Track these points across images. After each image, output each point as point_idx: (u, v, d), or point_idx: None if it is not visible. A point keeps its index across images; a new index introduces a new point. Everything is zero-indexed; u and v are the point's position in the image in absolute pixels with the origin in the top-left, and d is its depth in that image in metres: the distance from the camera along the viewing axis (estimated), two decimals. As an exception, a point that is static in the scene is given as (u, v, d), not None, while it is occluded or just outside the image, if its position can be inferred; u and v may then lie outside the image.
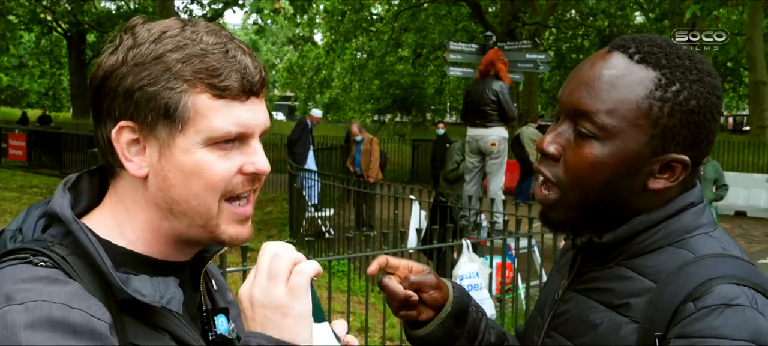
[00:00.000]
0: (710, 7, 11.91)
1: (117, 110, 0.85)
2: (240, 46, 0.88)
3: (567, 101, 1.00)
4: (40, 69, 36.95)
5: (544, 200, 1.02)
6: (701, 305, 0.87)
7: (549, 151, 1.00)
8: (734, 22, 25.62)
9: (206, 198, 0.86)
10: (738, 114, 41.94)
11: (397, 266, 1.15)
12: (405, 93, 30.26)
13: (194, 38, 0.85)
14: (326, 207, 9.58)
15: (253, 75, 0.87)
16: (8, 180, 14.65)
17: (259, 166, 0.89)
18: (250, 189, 0.90)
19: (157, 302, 0.83)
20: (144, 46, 0.84)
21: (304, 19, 23.01)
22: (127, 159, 0.86)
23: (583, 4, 25.41)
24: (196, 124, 0.84)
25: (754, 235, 11.29)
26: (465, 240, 4.70)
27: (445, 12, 24.28)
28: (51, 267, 0.79)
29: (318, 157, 12.41)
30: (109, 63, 0.85)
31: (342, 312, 5.86)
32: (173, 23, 0.87)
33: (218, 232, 0.89)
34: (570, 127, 0.99)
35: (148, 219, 0.88)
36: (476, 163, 7.29)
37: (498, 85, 7.05)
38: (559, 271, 1.19)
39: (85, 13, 26.45)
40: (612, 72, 0.96)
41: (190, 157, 0.85)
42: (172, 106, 0.83)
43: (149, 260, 0.89)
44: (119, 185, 0.90)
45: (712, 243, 0.97)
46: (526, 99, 22.13)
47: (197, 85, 0.84)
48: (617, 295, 0.98)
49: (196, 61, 0.84)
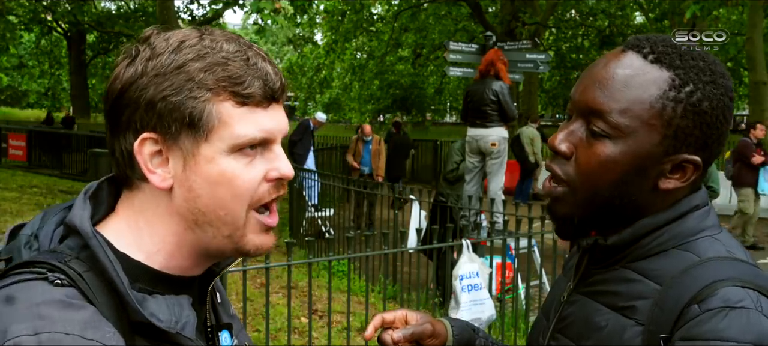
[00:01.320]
0: (710, 7, 11.93)
1: (138, 122, 0.84)
2: (259, 54, 0.88)
3: (580, 100, 1.00)
4: (40, 69, 36.93)
5: (551, 193, 1.02)
6: (706, 307, 0.88)
7: (561, 149, 1.00)
8: (734, 22, 25.61)
9: (234, 207, 0.86)
10: (738, 114, 41.96)
11: (392, 320, 1.18)
12: (405, 93, 30.28)
13: (214, 47, 0.85)
14: (326, 207, 9.59)
15: (275, 81, 0.88)
16: (8, 180, 14.65)
17: (283, 172, 0.89)
18: (276, 196, 0.90)
19: (173, 327, 0.82)
20: (164, 56, 0.84)
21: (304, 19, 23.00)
22: (151, 171, 0.85)
23: (583, 4, 25.40)
24: (220, 133, 0.84)
25: (754, 235, 11.26)
26: (465, 240, 4.70)
27: (445, 12, 24.28)
28: (67, 286, 0.77)
29: (318, 157, 12.42)
30: (128, 74, 0.84)
31: (342, 312, 5.86)
32: (190, 33, 0.87)
33: (244, 242, 0.89)
34: (582, 125, 0.99)
35: (173, 232, 0.88)
36: (476, 164, 7.29)
37: (498, 85, 7.06)
38: (565, 274, 1.19)
39: (85, 13, 26.46)
40: (626, 71, 0.96)
41: (215, 166, 0.85)
42: (196, 115, 0.83)
43: (165, 275, 0.88)
44: (138, 196, 0.89)
45: (717, 246, 0.98)
46: (526, 99, 22.12)
47: (221, 93, 0.84)
48: (622, 297, 0.99)
49: (219, 69, 0.84)
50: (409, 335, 1.16)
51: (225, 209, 0.86)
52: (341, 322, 5.71)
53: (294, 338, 5.12)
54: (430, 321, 1.19)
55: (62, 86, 39.28)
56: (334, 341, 4.61)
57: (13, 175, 15.70)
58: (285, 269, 3.97)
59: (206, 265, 0.94)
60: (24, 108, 42.42)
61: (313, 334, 5.10)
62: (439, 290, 5.99)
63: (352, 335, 4.93)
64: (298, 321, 5.68)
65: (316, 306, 6.06)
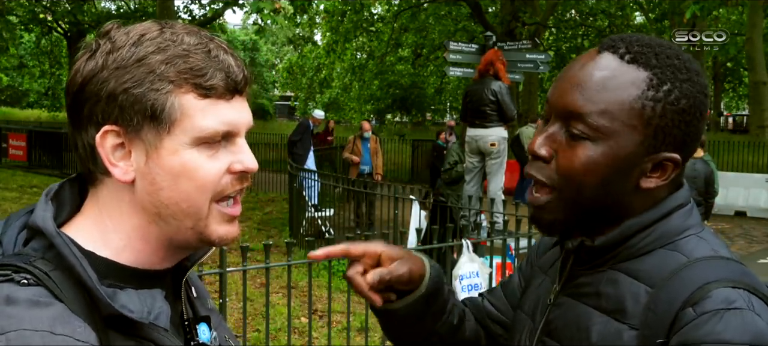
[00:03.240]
0: (710, 7, 11.93)
1: (99, 115, 0.83)
2: (221, 46, 0.88)
3: (558, 103, 0.99)
4: (40, 69, 36.94)
5: (535, 202, 1.01)
6: (701, 310, 0.88)
7: (541, 153, 0.99)
8: (734, 22, 25.62)
9: (197, 199, 0.86)
10: (738, 114, 41.94)
11: (362, 252, 1.09)
12: (405, 93, 30.26)
13: (175, 39, 0.85)
14: (326, 207, 9.58)
15: (237, 73, 0.87)
16: (8, 180, 14.66)
17: (247, 165, 0.88)
18: (239, 188, 0.90)
19: (145, 318, 0.82)
20: (124, 49, 0.83)
21: (304, 19, 23.03)
22: (113, 164, 0.85)
23: (583, 4, 25.41)
24: (182, 125, 0.84)
25: (754, 235, 11.29)
26: (465, 240, 4.70)
27: (445, 12, 24.28)
28: (33, 286, 0.77)
29: (318, 157, 12.42)
30: (88, 68, 0.84)
31: (342, 312, 5.86)
32: (151, 26, 0.87)
33: (208, 232, 0.88)
34: (561, 128, 0.99)
35: (136, 225, 0.87)
36: (476, 164, 7.29)
37: (497, 85, 7.06)
38: (544, 271, 1.18)
39: (85, 13, 26.47)
40: (603, 73, 0.96)
41: (178, 159, 0.84)
42: (158, 107, 0.83)
43: (134, 270, 0.87)
44: (101, 192, 0.88)
45: (703, 245, 0.98)
46: (526, 99, 22.13)
47: (183, 85, 0.84)
48: (612, 300, 0.98)
49: (180, 61, 0.84)
50: (385, 279, 1.07)
51: (188, 201, 0.86)
52: (341, 322, 5.71)
53: (294, 338, 5.13)
54: (409, 262, 1.10)
55: (62, 86, 39.27)
56: (334, 341, 4.61)
57: (13, 175, 15.71)
58: (285, 269, 3.97)
59: (176, 258, 0.93)
60: (24, 108, 42.39)
61: (313, 334, 5.10)
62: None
63: (352, 335, 4.93)
64: (298, 321, 5.68)
65: (316, 306, 6.06)
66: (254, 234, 9.92)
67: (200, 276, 3.45)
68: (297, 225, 9.30)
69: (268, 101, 49.61)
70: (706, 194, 6.84)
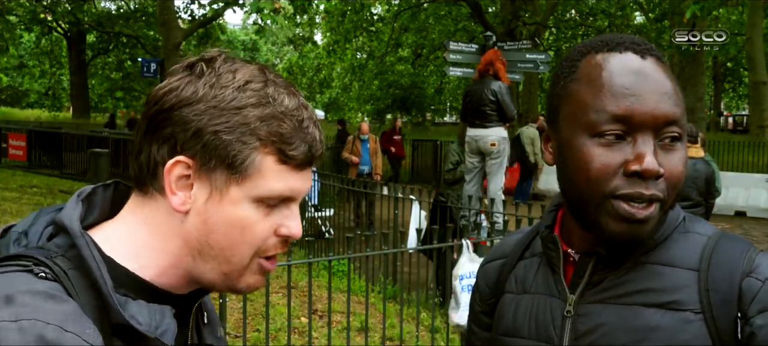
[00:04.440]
0: (710, 7, 11.93)
1: (181, 143, 0.85)
2: (312, 118, 0.90)
3: (656, 115, 0.96)
4: (40, 69, 36.95)
5: (649, 216, 0.96)
6: (763, 276, 0.94)
7: (661, 173, 0.96)
8: (734, 22, 25.63)
9: (241, 251, 0.87)
10: (738, 114, 41.94)
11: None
12: (405, 93, 30.28)
13: (276, 98, 0.87)
14: (326, 207, 9.58)
15: (318, 149, 0.90)
16: (8, 180, 14.65)
17: (293, 231, 0.90)
18: (281, 251, 0.92)
19: (152, 332, 0.82)
20: (227, 91, 0.85)
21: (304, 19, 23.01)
22: (173, 192, 0.86)
23: (583, 4, 25.42)
24: (255, 181, 0.86)
25: (754, 235, 11.29)
26: (465, 240, 4.70)
27: (445, 12, 24.29)
28: (51, 280, 0.78)
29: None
30: (187, 93, 0.85)
31: (342, 312, 5.86)
32: (257, 74, 0.88)
33: (239, 282, 0.90)
34: (652, 139, 0.97)
35: (172, 252, 0.88)
36: (476, 164, 7.29)
37: (497, 85, 7.06)
38: (527, 291, 1.12)
39: (85, 13, 26.49)
40: (669, 79, 1.00)
41: (237, 210, 0.86)
42: (239, 159, 0.84)
43: (151, 287, 0.88)
44: (149, 206, 0.89)
45: (702, 222, 1.06)
46: (526, 99, 22.15)
47: (268, 146, 0.85)
48: (661, 292, 0.98)
49: (274, 123, 0.85)
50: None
51: (232, 250, 0.87)
52: (341, 322, 5.71)
53: (294, 338, 5.12)
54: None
55: (62, 86, 39.30)
56: (334, 341, 4.61)
57: (13, 175, 15.70)
58: (285, 269, 3.98)
59: (193, 288, 0.94)
60: (24, 108, 42.40)
61: (313, 334, 5.10)
62: (439, 290, 5.99)
63: (352, 335, 4.93)
64: (298, 321, 5.68)
65: (316, 306, 6.06)
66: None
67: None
68: (297, 225, 9.28)
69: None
70: (707, 194, 6.83)
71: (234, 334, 5.36)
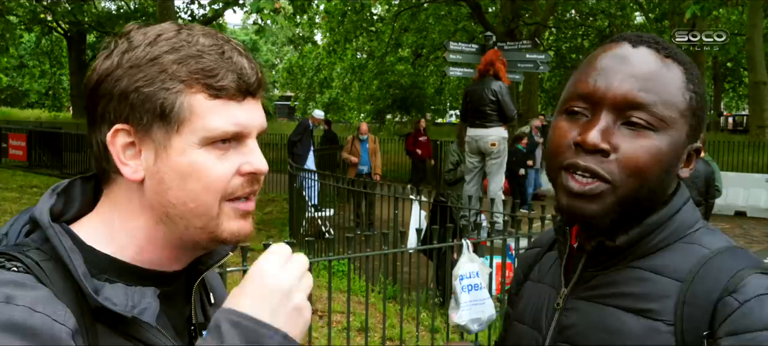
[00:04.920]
0: (710, 7, 11.93)
1: (112, 113, 0.85)
2: (236, 48, 0.88)
3: (615, 94, 0.97)
4: (40, 69, 36.93)
5: (588, 191, 0.96)
6: (743, 298, 0.89)
7: (603, 147, 0.96)
8: (734, 22, 25.61)
9: (205, 199, 0.86)
10: (738, 114, 41.91)
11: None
12: (405, 93, 30.24)
13: (190, 40, 0.86)
14: (326, 207, 9.58)
15: (250, 76, 0.87)
16: (8, 180, 14.65)
17: (256, 166, 0.88)
18: (250, 190, 0.90)
19: (128, 311, 0.82)
20: (139, 49, 0.85)
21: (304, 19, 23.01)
22: (123, 163, 0.86)
23: (583, 4, 25.40)
24: (192, 125, 0.84)
25: (754, 235, 11.29)
26: (465, 240, 4.70)
27: (445, 12, 24.27)
28: (23, 272, 0.79)
29: (318, 157, 12.42)
30: (104, 66, 0.86)
31: (342, 312, 5.86)
32: (169, 27, 0.88)
33: (219, 231, 0.89)
34: (614, 120, 0.97)
35: (144, 225, 0.88)
36: (476, 164, 7.29)
37: (497, 85, 7.06)
38: (538, 281, 1.16)
39: (85, 13, 26.45)
40: (652, 66, 0.98)
41: (186, 158, 0.85)
42: (168, 106, 0.84)
43: (135, 268, 0.88)
44: (113, 190, 0.90)
45: (718, 236, 1.01)
46: (526, 99, 22.13)
47: (193, 85, 0.84)
48: (638, 299, 0.97)
49: (192, 62, 0.84)
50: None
51: (195, 201, 0.86)
52: (341, 322, 5.71)
53: (294, 338, 5.12)
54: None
55: (62, 86, 39.29)
56: (334, 341, 4.61)
57: (13, 175, 15.70)
58: (285, 269, 3.97)
59: (187, 258, 0.93)
60: (24, 108, 42.36)
61: (313, 334, 5.09)
62: (439, 290, 5.99)
63: (352, 335, 4.93)
64: (298, 321, 5.67)
65: (316, 306, 6.06)
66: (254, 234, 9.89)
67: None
68: (297, 225, 9.29)
69: (268, 101, 49.61)
70: (707, 195, 6.84)
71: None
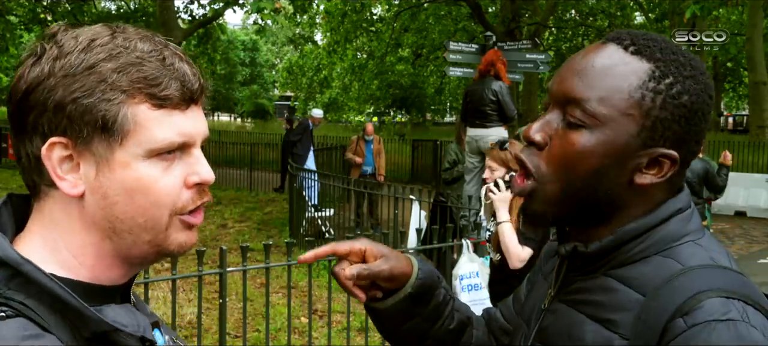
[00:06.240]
0: (710, 7, 11.93)
1: (46, 126, 0.79)
2: (176, 53, 0.84)
3: (557, 90, 0.98)
4: (40, 69, 36.96)
5: (520, 192, 1.00)
6: (692, 321, 0.84)
7: (535, 139, 0.97)
8: (734, 22, 25.62)
9: (154, 213, 0.82)
10: (738, 114, 41.92)
11: (346, 251, 1.11)
12: (405, 93, 30.27)
13: (127, 46, 0.81)
14: (326, 207, 9.59)
15: (193, 82, 0.84)
16: (8, 180, 14.65)
17: (203, 176, 0.85)
18: (200, 203, 0.86)
19: (138, 331, 0.80)
20: (73, 56, 0.79)
21: (304, 19, 23.01)
22: (60, 177, 0.80)
23: (583, 4, 25.41)
24: (136, 137, 0.80)
25: (754, 235, 11.28)
26: (465, 240, 4.70)
27: (445, 12, 24.27)
28: (15, 317, 0.73)
29: (318, 157, 12.44)
30: (33, 75, 0.79)
31: (342, 312, 5.86)
32: (101, 30, 0.83)
33: (166, 243, 0.85)
34: (559, 116, 0.97)
35: (88, 242, 0.83)
36: (476, 164, 7.29)
37: (497, 85, 7.06)
38: (545, 277, 1.16)
39: (85, 14, 26.45)
40: (605, 61, 0.95)
41: (131, 173, 0.80)
42: (110, 118, 0.78)
43: (95, 287, 0.83)
44: (47, 206, 0.83)
45: (701, 252, 0.94)
46: (526, 99, 22.14)
47: (136, 95, 0.79)
48: (604, 308, 0.95)
49: (133, 70, 0.80)
50: (364, 275, 1.09)
51: (145, 215, 0.82)
52: (341, 322, 5.71)
53: (294, 338, 5.12)
54: (391, 261, 1.11)
55: (62, 86, 39.29)
56: (334, 341, 4.61)
57: (13, 175, 15.70)
58: (285, 269, 3.98)
59: (133, 272, 0.90)
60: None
61: (313, 334, 5.10)
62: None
63: (352, 335, 4.93)
64: (298, 321, 5.68)
65: (316, 306, 6.06)
66: (254, 234, 9.92)
67: (200, 276, 3.46)
68: (297, 225, 9.30)
69: (268, 101, 49.61)
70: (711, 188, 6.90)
71: (234, 334, 5.36)
